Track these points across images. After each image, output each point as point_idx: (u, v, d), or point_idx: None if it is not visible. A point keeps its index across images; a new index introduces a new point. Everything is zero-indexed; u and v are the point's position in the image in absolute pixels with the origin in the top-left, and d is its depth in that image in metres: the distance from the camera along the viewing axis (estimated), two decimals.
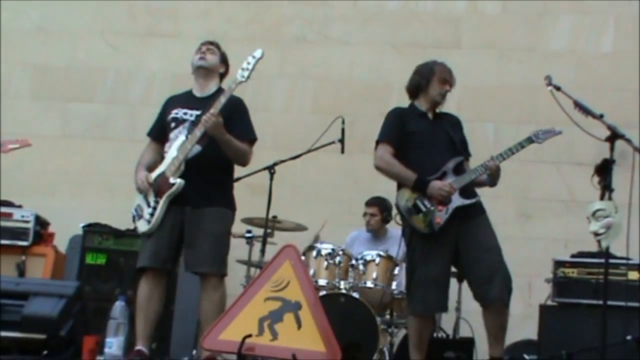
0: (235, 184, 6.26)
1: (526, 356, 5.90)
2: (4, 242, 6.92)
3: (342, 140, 6.31)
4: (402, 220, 5.39)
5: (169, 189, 5.35)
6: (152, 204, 5.39)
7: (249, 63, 5.45)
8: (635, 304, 5.51)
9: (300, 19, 8.49)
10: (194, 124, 5.41)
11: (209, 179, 5.38)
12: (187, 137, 5.39)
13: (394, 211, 5.72)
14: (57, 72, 8.67)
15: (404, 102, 8.13)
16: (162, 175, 5.40)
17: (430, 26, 8.32)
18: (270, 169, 6.22)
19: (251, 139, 5.54)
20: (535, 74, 5.80)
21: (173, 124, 5.51)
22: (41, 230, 7.10)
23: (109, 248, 6.80)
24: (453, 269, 5.53)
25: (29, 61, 8.70)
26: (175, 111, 5.55)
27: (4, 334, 5.03)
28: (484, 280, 5.20)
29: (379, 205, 7.06)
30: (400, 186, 5.37)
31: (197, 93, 5.61)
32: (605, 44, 7.99)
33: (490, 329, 5.26)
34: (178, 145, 5.40)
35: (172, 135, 5.49)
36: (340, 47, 8.39)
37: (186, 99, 5.61)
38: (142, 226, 5.41)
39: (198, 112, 5.45)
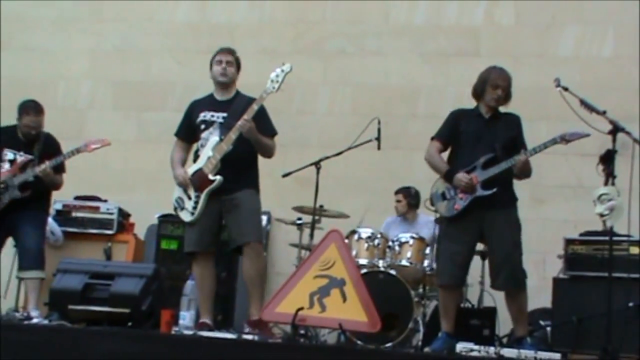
0: (287, 178, 6.31)
1: (542, 322, 5.87)
2: (93, 231, 7.02)
3: (378, 138, 6.29)
4: (431, 204, 5.42)
5: (209, 184, 5.34)
6: (193, 197, 5.39)
7: (277, 76, 5.41)
8: (636, 275, 5.45)
9: (340, 34, 8.47)
10: (226, 126, 5.39)
11: (238, 170, 5.37)
12: (220, 138, 5.37)
13: (425, 196, 5.73)
14: (133, 86, 8.74)
15: (431, 104, 8.16)
16: (200, 172, 5.39)
17: (452, 37, 8.25)
18: (317, 164, 6.23)
19: (273, 133, 5.55)
20: (545, 76, 5.71)
21: (203, 126, 5.49)
22: (123, 221, 7.16)
23: (180, 235, 6.81)
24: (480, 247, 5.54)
25: (111, 78, 8.78)
26: (202, 114, 5.53)
27: (95, 308, 5.11)
28: (494, 269, 5.25)
29: (402, 192, 7.09)
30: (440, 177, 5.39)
31: (219, 97, 5.59)
32: (606, 49, 7.86)
33: (511, 311, 5.32)
34: (213, 145, 5.38)
35: (203, 135, 5.47)
36: (375, 58, 8.35)
37: (210, 103, 5.58)
38: (186, 216, 5.43)
39: (224, 114, 5.46)
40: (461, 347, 4.82)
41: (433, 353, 5.10)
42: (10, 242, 6.26)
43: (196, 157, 5.52)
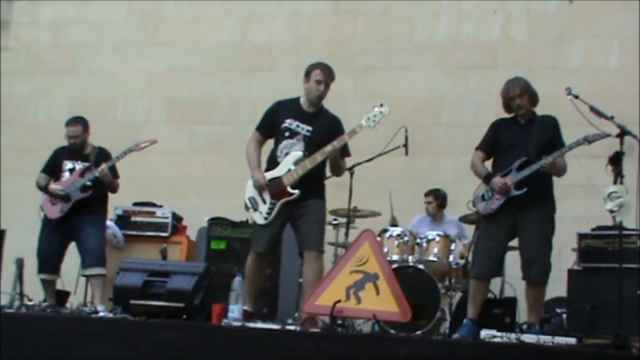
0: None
1: (558, 310, 5.83)
2: (150, 233, 7.12)
3: (405, 145, 6.26)
4: (473, 206, 5.46)
5: (287, 195, 5.34)
6: (268, 203, 5.38)
7: (375, 116, 5.40)
8: None
9: (369, 51, 8.49)
10: (309, 139, 5.36)
11: (310, 181, 5.39)
12: (304, 153, 5.36)
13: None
14: (184, 102, 8.84)
15: (453, 113, 8.16)
16: (279, 181, 5.37)
17: (471, 52, 8.23)
18: (350, 170, 6.23)
19: (349, 155, 5.60)
20: (557, 86, 5.67)
21: (287, 133, 5.41)
22: (177, 224, 7.24)
23: (228, 236, 6.91)
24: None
25: (164, 95, 8.88)
26: (288, 121, 5.43)
27: (153, 303, 5.13)
28: (526, 263, 5.26)
29: (433, 194, 7.10)
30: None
31: (306, 107, 5.49)
32: (612, 60, 7.82)
33: (528, 300, 5.33)
34: (296, 159, 5.36)
35: (284, 143, 5.41)
36: (402, 72, 8.36)
37: (297, 111, 5.47)
38: (259, 219, 5.42)
39: (309, 127, 5.41)
40: (485, 334, 4.81)
41: (459, 339, 5.10)
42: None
43: (274, 162, 5.46)
